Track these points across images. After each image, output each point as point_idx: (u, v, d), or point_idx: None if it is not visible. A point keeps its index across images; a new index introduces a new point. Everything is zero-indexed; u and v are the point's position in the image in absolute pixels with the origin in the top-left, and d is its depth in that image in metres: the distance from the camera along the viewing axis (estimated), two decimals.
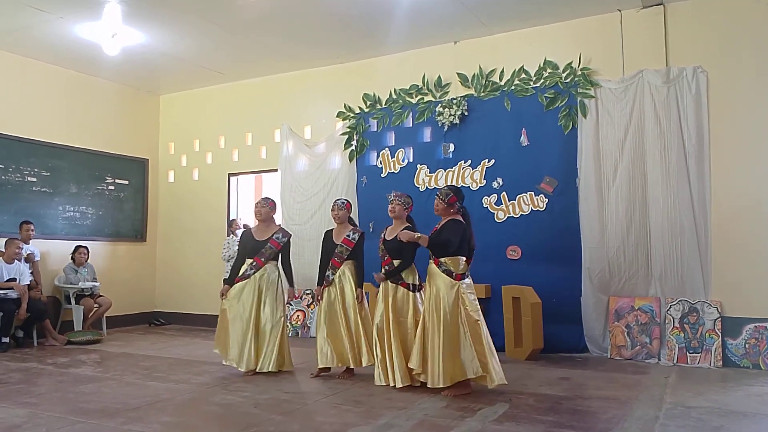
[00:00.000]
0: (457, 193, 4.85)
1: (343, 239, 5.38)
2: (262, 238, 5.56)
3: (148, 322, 9.12)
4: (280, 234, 5.61)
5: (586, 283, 6.34)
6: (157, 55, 7.67)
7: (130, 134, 9.11)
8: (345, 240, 5.37)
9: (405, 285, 5.03)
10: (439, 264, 4.70)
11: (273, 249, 5.54)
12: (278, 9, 6.37)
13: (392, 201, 5.16)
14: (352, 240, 5.37)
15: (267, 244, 5.52)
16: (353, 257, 5.39)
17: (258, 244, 5.53)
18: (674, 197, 6.03)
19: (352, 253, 5.37)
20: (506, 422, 3.91)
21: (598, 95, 6.43)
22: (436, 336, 4.57)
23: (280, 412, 4.21)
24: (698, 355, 5.83)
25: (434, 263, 4.74)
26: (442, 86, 7.27)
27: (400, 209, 5.12)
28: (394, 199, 5.16)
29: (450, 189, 4.88)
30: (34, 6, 6.24)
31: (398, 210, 5.12)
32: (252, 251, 5.53)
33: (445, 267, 4.68)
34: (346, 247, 5.36)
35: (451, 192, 4.83)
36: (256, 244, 5.53)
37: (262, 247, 5.51)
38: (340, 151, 7.85)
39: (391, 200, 5.18)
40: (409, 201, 5.21)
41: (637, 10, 6.34)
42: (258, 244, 5.53)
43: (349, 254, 5.36)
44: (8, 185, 7.61)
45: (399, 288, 5.02)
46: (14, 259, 6.94)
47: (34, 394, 4.77)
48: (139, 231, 9.22)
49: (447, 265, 4.69)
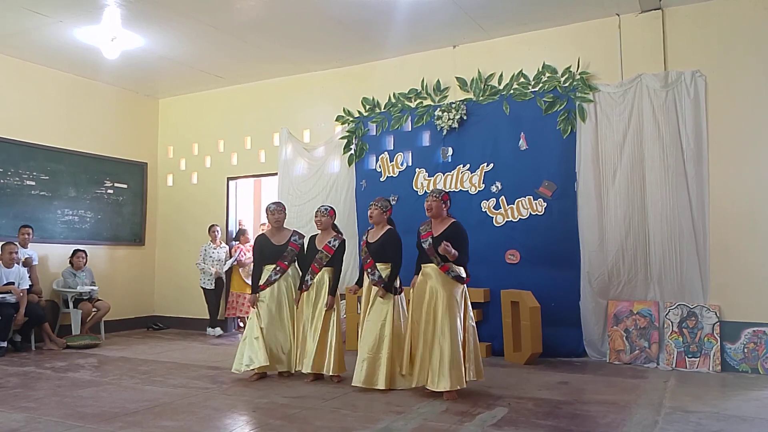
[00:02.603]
0: (447, 193, 5.01)
1: (324, 245, 5.45)
2: (280, 242, 5.62)
3: (146, 326, 9.10)
4: (297, 236, 5.71)
5: (584, 287, 6.34)
6: (156, 58, 7.67)
7: (129, 138, 9.11)
8: (326, 246, 5.45)
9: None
10: (448, 271, 4.73)
11: (293, 251, 5.63)
12: (277, 13, 6.38)
13: (371, 207, 5.26)
14: (332, 247, 5.44)
15: (288, 247, 5.60)
16: (332, 264, 5.44)
17: (278, 248, 5.59)
18: (673, 201, 6.03)
19: (332, 259, 5.43)
20: (505, 427, 3.91)
21: (596, 99, 6.44)
22: (446, 341, 4.57)
23: (278, 416, 4.20)
24: (697, 359, 5.83)
25: (442, 270, 4.74)
26: (441, 90, 7.27)
27: (378, 214, 5.21)
28: (373, 205, 5.26)
29: (441, 189, 5.06)
30: (34, 9, 6.25)
31: (376, 215, 5.22)
32: (273, 256, 5.57)
33: (456, 273, 4.75)
34: (326, 253, 5.42)
35: (443, 191, 4.98)
36: (276, 249, 5.58)
37: (283, 251, 5.58)
38: (339, 155, 7.86)
39: (370, 206, 5.28)
40: (387, 204, 5.32)
41: (635, 15, 6.36)
42: (278, 248, 5.59)
43: (328, 261, 5.42)
44: (7, 189, 7.60)
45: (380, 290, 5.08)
46: (13, 263, 6.93)
47: (32, 398, 4.75)
48: (138, 235, 9.21)
49: (457, 271, 4.76)
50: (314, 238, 5.59)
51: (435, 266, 4.77)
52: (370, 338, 4.97)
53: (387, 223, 5.25)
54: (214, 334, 8.31)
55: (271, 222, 5.73)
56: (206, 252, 8.40)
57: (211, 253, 8.40)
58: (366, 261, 5.19)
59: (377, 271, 5.09)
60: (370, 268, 5.13)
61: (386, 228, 5.19)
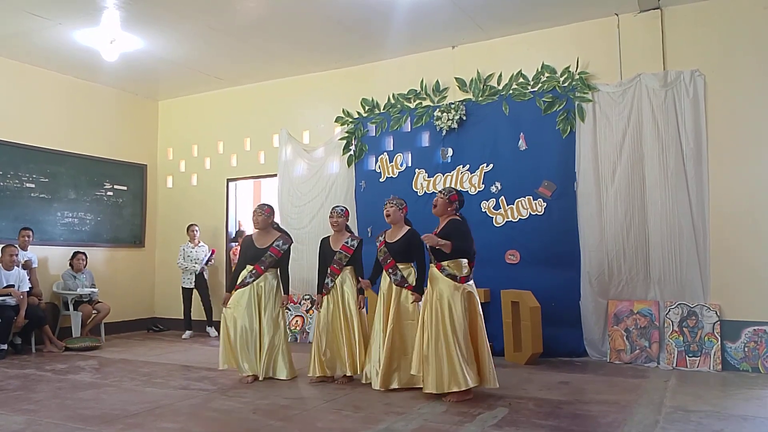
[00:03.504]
0: (459, 193, 4.91)
1: (341, 246, 5.39)
2: (262, 245, 5.50)
3: (146, 328, 9.10)
4: (281, 241, 5.54)
5: (585, 287, 6.34)
6: (155, 60, 7.67)
7: (129, 140, 9.11)
8: (344, 247, 5.38)
9: (410, 288, 5.04)
10: (441, 268, 4.68)
11: (273, 257, 5.48)
12: (277, 14, 6.38)
13: (386, 206, 5.20)
14: (351, 247, 5.38)
15: (267, 251, 5.47)
16: (352, 263, 5.40)
17: (258, 251, 5.48)
18: (672, 201, 6.03)
19: (351, 259, 5.38)
20: (506, 427, 3.91)
21: (596, 99, 6.44)
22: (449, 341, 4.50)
23: (279, 417, 4.20)
24: (697, 358, 5.83)
25: (436, 267, 4.71)
26: (441, 91, 7.28)
27: (395, 212, 5.16)
28: (388, 204, 5.21)
29: (452, 188, 4.95)
30: (33, 12, 6.25)
31: (393, 213, 5.16)
32: (252, 258, 5.49)
33: (449, 271, 4.65)
34: (345, 253, 5.36)
35: (454, 190, 4.89)
36: (256, 252, 5.48)
37: (262, 255, 5.46)
38: (338, 156, 7.86)
39: (385, 205, 5.22)
40: (403, 203, 5.26)
41: (634, 14, 6.36)
42: (258, 251, 5.48)
43: (348, 261, 5.37)
44: (7, 191, 7.60)
45: (403, 291, 5.04)
46: (13, 265, 6.93)
47: (33, 400, 4.75)
48: (138, 237, 9.21)
49: (450, 269, 4.66)
50: (328, 240, 5.52)
51: (434, 266, 4.76)
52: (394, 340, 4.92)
53: (404, 222, 5.22)
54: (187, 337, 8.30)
55: (252, 223, 5.66)
56: (185, 252, 8.41)
57: (189, 252, 8.42)
58: (386, 261, 5.12)
59: (399, 272, 5.06)
60: (391, 268, 5.08)
61: (406, 228, 5.16)
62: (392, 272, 5.08)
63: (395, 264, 5.08)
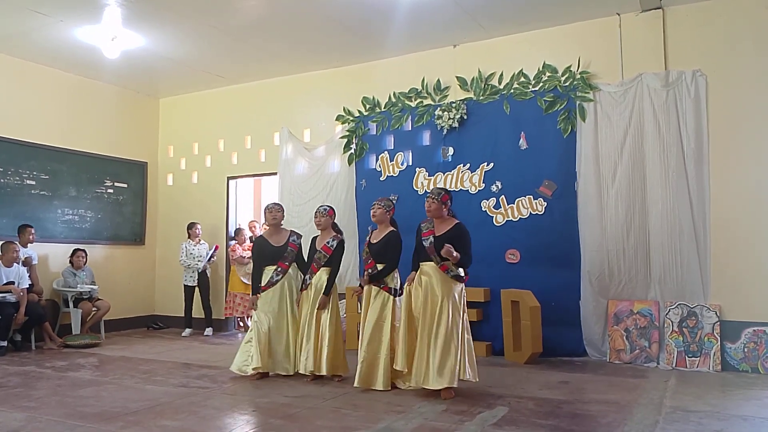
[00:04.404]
0: (448, 192, 4.97)
1: (323, 246, 5.46)
2: (279, 243, 5.62)
3: (146, 326, 9.10)
4: (295, 236, 5.72)
5: (585, 287, 6.34)
6: (156, 58, 7.67)
7: (130, 137, 9.11)
8: (324, 247, 5.46)
9: (387, 289, 5.08)
10: (447, 270, 4.74)
11: (293, 252, 5.63)
12: (278, 13, 6.38)
13: (374, 206, 5.25)
14: (330, 247, 5.45)
15: (288, 248, 5.60)
16: (330, 264, 5.45)
17: (278, 249, 5.59)
18: (673, 201, 6.03)
19: (330, 259, 5.44)
20: (506, 426, 3.91)
21: (597, 99, 6.44)
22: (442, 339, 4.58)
23: (279, 415, 4.20)
24: (697, 359, 5.83)
25: (441, 269, 4.75)
26: (442, 90, 7.27)
27: (381, 213, 5.20)
28: (376, 204, 5.25)
29: (441, 189, 4.97)
30: (34, 9, 6.24)
31: (380, 214, 5.20)
32: (272, 257, 5.58)
33: (455, 273, 4.76)
34: (324, 253, 5.44)
35: (443, 191, 4.93)
36: (276, 250, 5.58)
37: (283, 252, 5.59)
38: (339, 155, 7.86)
39: (373, 205, 5.26)
40: (391, 204, 5.30)
41: (636, 14, 6.36)
42: (278, 249, 5.59)
43: (326, 261, 5.43)
44: (7, 188, 7.60)
45: (381, 291, 5.07)
46: (13, 262, 6.93)
47: (33, 398, 4.75)
48: (138, 234, 9.21)
49: (456, 271, 4.78)
50: (315, 239, 5.61)
51: (434, 265, 4.77)
52: (370, 338, 4.97)
53: (390, 224, 5.25)
54: (187, 335, 8.31)
55: (268, 220, 5.72)
56: (186, 249, 8.41)
57: (191, 250, 8.42)
58: (367, 261, 5.20)
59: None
60: (371, 268, 5.14)
61: (389, 229, 5.19)
62: (371, 272, 5.13)
63: (374, 264, 5.14)
